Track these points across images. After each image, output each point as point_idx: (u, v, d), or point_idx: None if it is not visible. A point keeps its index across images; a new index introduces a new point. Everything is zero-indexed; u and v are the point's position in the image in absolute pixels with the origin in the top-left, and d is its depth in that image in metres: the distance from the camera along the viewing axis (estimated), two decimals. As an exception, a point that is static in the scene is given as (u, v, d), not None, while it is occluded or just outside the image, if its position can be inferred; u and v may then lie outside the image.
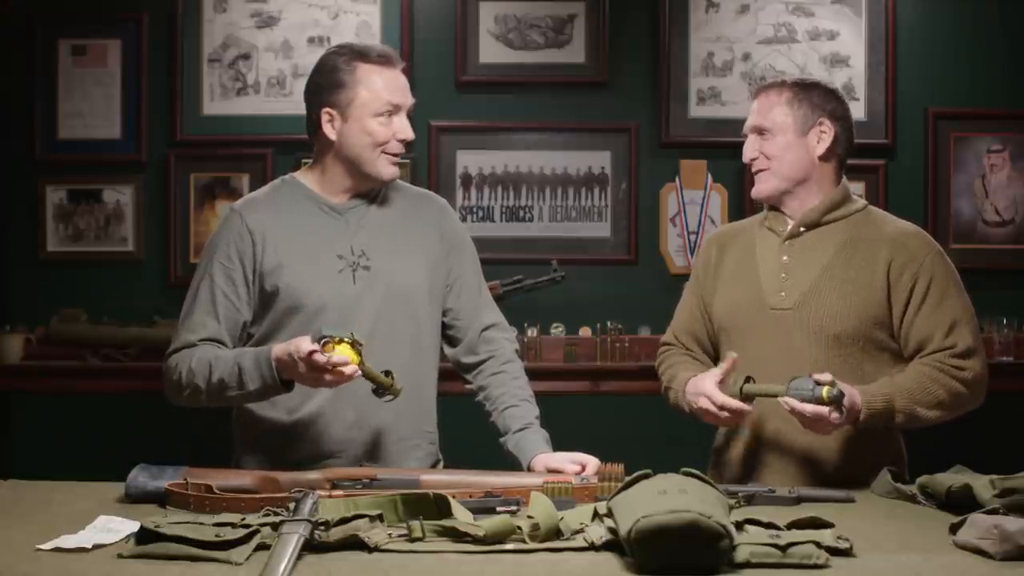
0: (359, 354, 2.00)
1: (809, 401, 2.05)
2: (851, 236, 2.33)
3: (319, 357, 1.98)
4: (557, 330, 4.18)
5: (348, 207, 2.29)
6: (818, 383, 2.05)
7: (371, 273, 2.25)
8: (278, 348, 2.08)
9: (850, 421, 2.13)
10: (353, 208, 2.29)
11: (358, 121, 2.21)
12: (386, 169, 2.25)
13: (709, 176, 4.25)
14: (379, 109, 2.21)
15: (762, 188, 2.38)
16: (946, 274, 2.29)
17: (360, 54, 2.23)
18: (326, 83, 2.24)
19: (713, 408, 2.17)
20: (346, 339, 1.99)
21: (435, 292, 2.35)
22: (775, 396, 2.10)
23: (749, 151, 2.39)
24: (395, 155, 2.25)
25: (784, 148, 2.34)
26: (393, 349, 2.23)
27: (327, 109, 2.23)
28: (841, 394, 2.05)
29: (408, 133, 2.25)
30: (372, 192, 2.31)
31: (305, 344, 2.00)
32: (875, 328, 2.27)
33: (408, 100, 2.26)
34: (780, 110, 2.35)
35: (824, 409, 2.04)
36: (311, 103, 2.27)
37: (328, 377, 2.01)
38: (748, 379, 2.15)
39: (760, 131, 2.36)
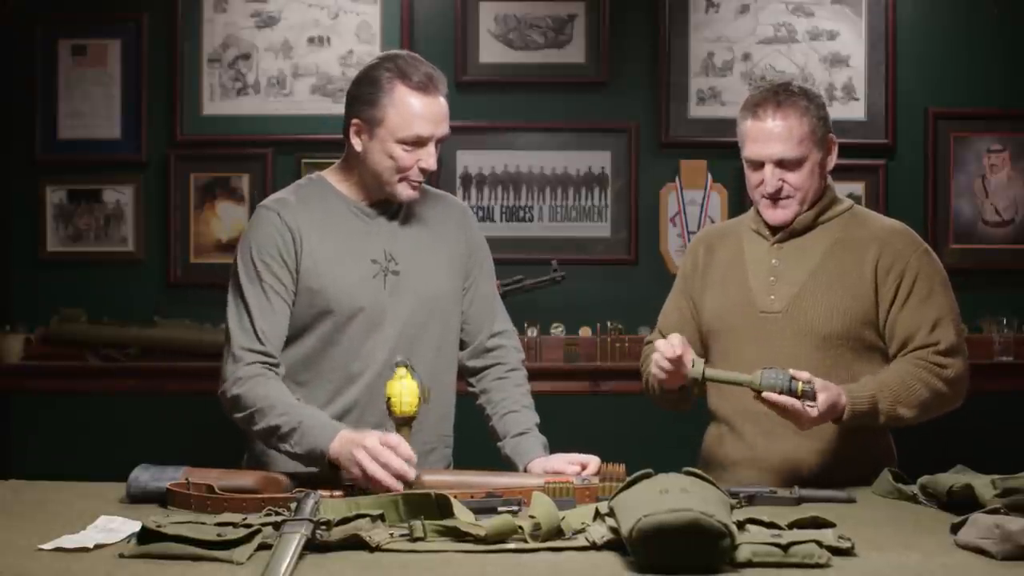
0: (419, 403, 1.97)
1: (784, 393, 2.04)
2: (839, 237, 2.33)
3: (393, 437, 1.92)
4: (557, 330, 4.18)
5: (378, 210, 2.28)
6: (793, 377, 2.05)
7: (400, 279, 2.25)
8: (350, 431, 2.02)
9: (833, 419, 2.13)
10: (383, 211, 2.29)
11: (382, 143, 2.19)
12: (404, 193, 2.23)
13: (709, 176, 4.25)
14: (405, 137, 2.17)
15: (787, 215, 2.32)
16: (932, 272, 2.29)
17: (403, 74, 2.17)
18: (361, 94, 2.21)
19: (669, 355, 2.12)
20: (423, 388, 1.96)
21: (457, 296, 2.36)
22: (740, 384, 2.08)
23: (773, 183, 2.28)
24: (415, 181, 2.22)
25: (810, 175, 2.29)
26: (418, 355, 2.22)
27: (356, 120, 2.21)
28: (813, 389, 2.05)
29: (430, 164, 2.19)
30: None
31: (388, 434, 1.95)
32: (864, 328, 2.28)
33: (439, 131, 2.20)
34: (807, 137, 2.27)
35: (800, 405, 2.04)
36: (346, 108, 2.25)
37: (369, 462, 1.90)
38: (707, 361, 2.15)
39: (787, 163, 2.28)
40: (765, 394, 2.05)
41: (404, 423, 1.99)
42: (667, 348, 2.14)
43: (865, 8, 4.25)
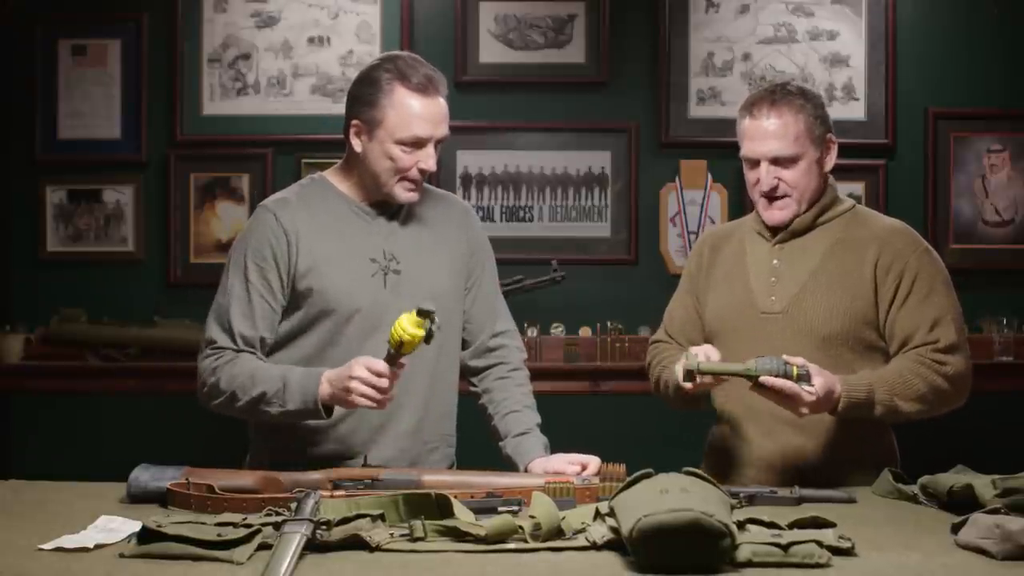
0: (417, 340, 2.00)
1: (780, 377, 2.04)
2: (840, 237, 2.33)
3: (378, 364, 2.00)
4: (557, 330, 4.18)
5: (378, 210, 2.29)
6: (787, 362, 2.05)
7: (401, 277, 2.26)
8: (332, 370, 2.09)
9: (829, 409, 2.13)
10: (383, 211, 2.29)
11: (381, 144, 2.19)
12: (403, 195, 2.24)
13: (709, 176, 4.25)
14: (404, 138, 2.18)
15: (785, 215, 2.32)
16: (932, 271, 2.29)
17: (402, 75, 2.18)
18: (361, 95, 2.22)
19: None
20: (430, 328, 1.99)
21: (459, 295, 2.36)
22: (735, 374, 2.09)
23: (768, 181, 2.29)
24: (414, 181, 2.23)
25: (806, 173, 2.29)
26: (420, 354, 2.22)
27: (356, 121, 2.22)
28: (808, 373, 2.05)
29: (429, 165, 2.20)
30: None
31: (375, 359, 2.02)
32: (865, 327, 2.28)
33: (438, 132, 2.20)
34: (803, 135, 2.27)
35: (797, 387, 2.04)
36: (346, 109, 2.26)
37: (372, 392, 2.01)
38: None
39: (781, 160, 2.28)
40: (762, 379, 2.05)
41: (391, 361, 2.02)
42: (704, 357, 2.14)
43: (865, 8, 4.25)
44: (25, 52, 4.26)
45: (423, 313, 1.97)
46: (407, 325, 1.97)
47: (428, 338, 1.99)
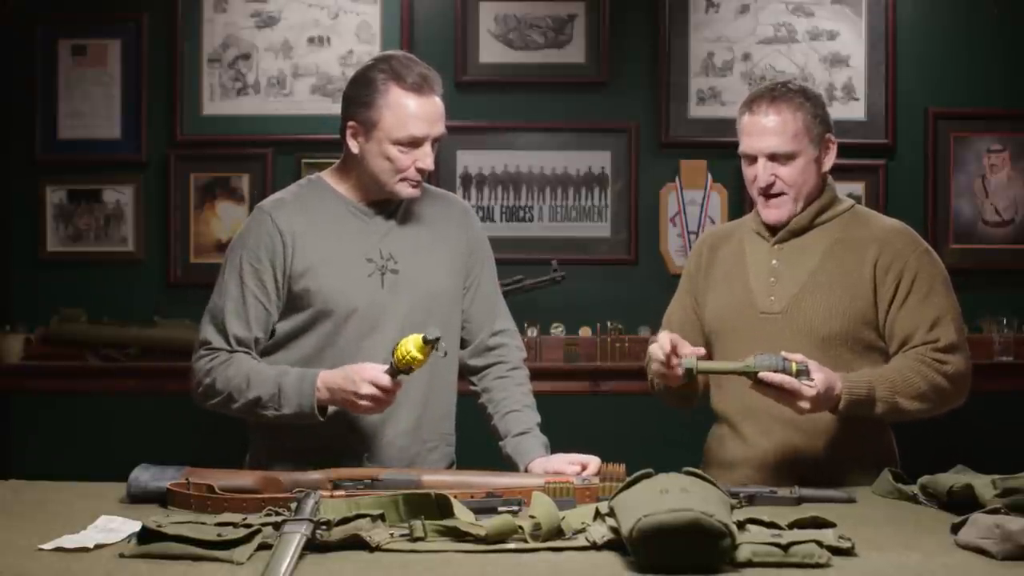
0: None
1: (779, 373, 2.04)
2: (839, 237, 2.33)
3: (383, 379, 2.04)
4: (557, 330, 4.18)
5: (376, 209, 2.29)
6: (785, 358, 2.05)
7: (399, 277, 2.26)
8: (329, 372, 2.11)
9: (830, 407, 2.13)
10: (381, 210, 2.29)
11: (379, 144, 2.20)
12: (405, 191, 2.24)
13: (709, 176, 4.25)
14: (401, 138, 2.18)
15: (782, 214, 2.32)
16: (932, 272, 2.29)
17: (397, 75, 2.19)
18: (356, 96, 2.22)
19: (661, 356, 2.13)
20: (434, 352, 2.01)
21: (458, 295, 2.36)
22: (734, 372, 2.09)
23: (765, 177, 2.30)
24: (414, 180, 2.23)
25: (802, 171, 2.29)
26: None
27: (352, 123, 2.22)
28: (807, 368, 2.05)
29: (427, 164, 2.21)
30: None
31: (380, 374, 2.05)
32: (864, 327, 2.28)
33: (434, 131, 2.21)
34: (801, 133, 2.28)
35: (797, 382, 2.04)
36: (342, 110, 2.26)
37: (376, 404, 2.07)
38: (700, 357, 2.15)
39: (779, 157, 2.28)
40: (762, 374, 2.05)
41: (393, 374, 2.05)
42: (658, 351, 2.15)
43: (865, 8, 4.25)
44: (25, 52, 4.26)
45: (429, 341, 1.99)
46: (414, 352, 1.99)
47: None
